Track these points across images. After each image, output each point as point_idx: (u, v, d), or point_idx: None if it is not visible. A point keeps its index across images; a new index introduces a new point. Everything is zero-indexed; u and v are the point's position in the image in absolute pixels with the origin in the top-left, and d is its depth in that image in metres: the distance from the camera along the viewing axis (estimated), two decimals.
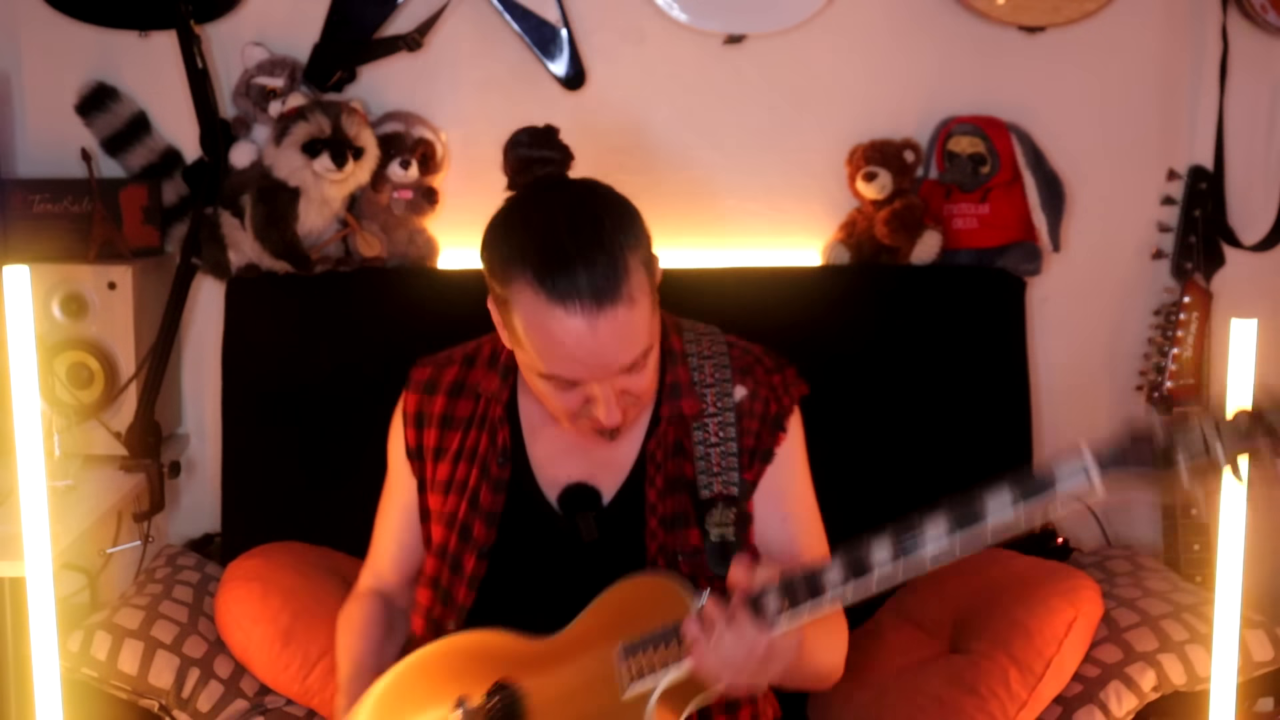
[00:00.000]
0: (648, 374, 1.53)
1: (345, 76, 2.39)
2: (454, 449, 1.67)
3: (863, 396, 2.25)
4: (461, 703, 1.54)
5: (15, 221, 2.33)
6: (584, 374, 1.47)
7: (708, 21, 2.39)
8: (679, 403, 1.62)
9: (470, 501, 1.64)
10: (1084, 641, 1.92)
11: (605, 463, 1.62)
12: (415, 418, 1.71)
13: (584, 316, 1.42)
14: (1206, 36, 2.45)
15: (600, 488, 1.63)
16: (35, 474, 1.59)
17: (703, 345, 1.66)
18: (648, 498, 1.60)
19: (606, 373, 1.47)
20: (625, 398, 1.51)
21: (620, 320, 1.43)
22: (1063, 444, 2.51)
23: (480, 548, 1.62)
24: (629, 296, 1.44)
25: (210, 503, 2.38)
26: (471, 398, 1.68)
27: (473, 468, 1.65)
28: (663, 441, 1.62)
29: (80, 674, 1.89)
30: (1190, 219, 2.44)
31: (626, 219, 1.51)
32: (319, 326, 2.32)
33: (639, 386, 1.52)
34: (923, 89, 2.47)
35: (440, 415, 1.69)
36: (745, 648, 1.35)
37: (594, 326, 1.43)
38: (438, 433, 1.69)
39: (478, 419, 1.67)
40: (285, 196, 2.28)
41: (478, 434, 1.66)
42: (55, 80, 2.38)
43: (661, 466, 1.61)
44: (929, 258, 2.38)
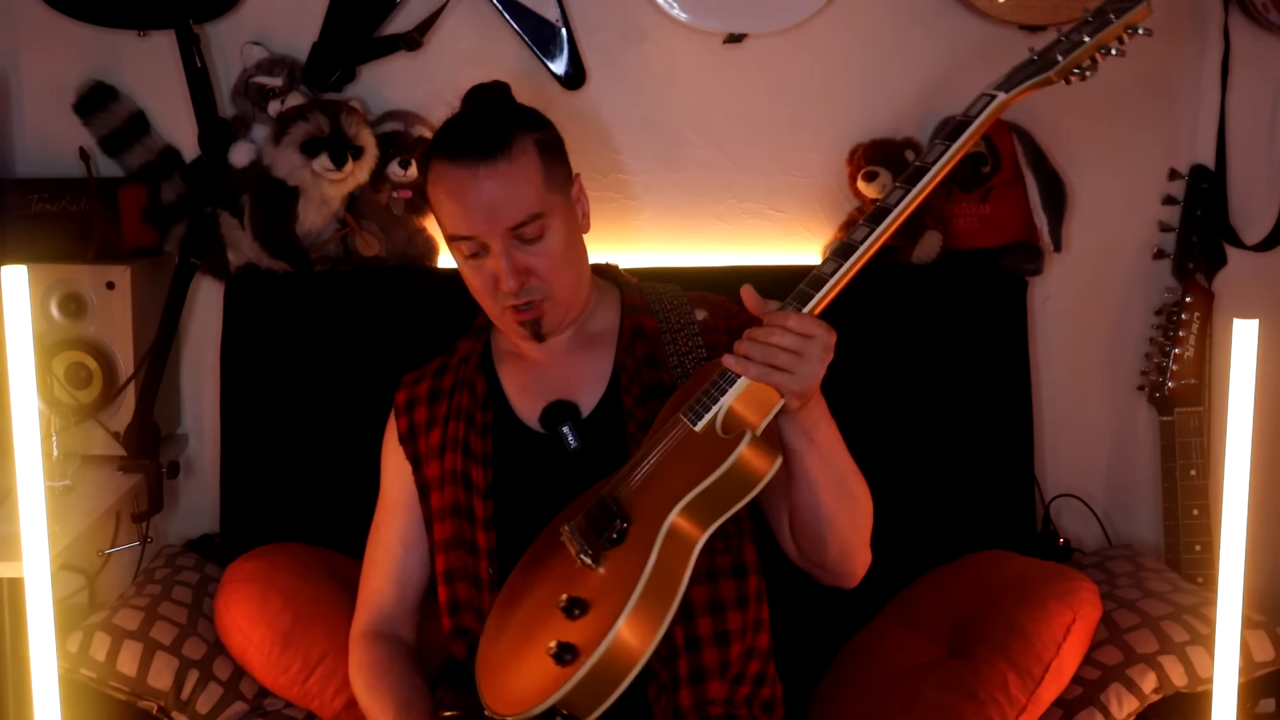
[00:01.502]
0: (549, 253, 1.68)
1: (344, 76, 2.38)
2: (442, 414, 1.82)
3: (863, 397, 2.24)
4: (567, 528, 1.58)
5: (13, 221, 2.33)
6: (474, 225, 1.66)
7: (708, 21, 2.38)
8: (638, 320, 1.79)
9: (464, 452, 1.76)
10: (1083, 644, 1.92)
11: (580, 381, 1.76)
12: (405, 405, 1.86)
13: (467, 167, 1.65)
14: (1208, 36, 2.44)
15: (579, 403, 1.75)
16: (33, 474, 1.59)
17: (658, 287, 1.86)
18: (624, 405, 1.72)
19: (493, 225, 1.65)
20: (528, 276, 1.68)
21: (501, 173, 1.65)
22: (1064, 445, 2.53)
23: (483, 490, 1.74)
24: (512, 154, 1.65)
25: (209, 503, 2.38)
26: (454, 370, 1.85)
27: (460, 422, 1.78)
28: (632, 353, 1.75)
29: (79, 675, 1.89)
30: (1192, 218, 2.44)
31: (530, 113, 1.77)
32: (318, 326, 2.32)
33: (539, 264, 1.68)
34: (923, 88, 2.46)
35: (427, 393, 1.85)
36: (779, 336, 1.45)
37: (475, 174, 1.65)
38: (426, 408, 1.84)
39: (459, 382, 1.83)
40: (284, 196, 2.27)
41: (460, 393, 1.81)
42: (53, 79, 2.38)
43: (636, 376, 1.74)
44: (930, 257, 2.37)
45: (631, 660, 1.42)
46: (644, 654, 1.42)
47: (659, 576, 1.43)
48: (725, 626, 1.70)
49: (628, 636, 1.41)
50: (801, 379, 1.45)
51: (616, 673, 1.41)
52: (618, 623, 1.40)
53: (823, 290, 1.49)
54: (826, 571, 1.69)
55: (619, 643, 1.41)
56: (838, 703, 2.05)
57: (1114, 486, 2.56)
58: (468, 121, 1.74)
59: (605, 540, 1.50)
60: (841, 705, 2.03)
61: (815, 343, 1.46)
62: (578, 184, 1.79)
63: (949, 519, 2.27)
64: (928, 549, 2.21)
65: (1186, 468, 2.37)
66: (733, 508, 1.47)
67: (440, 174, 1.70)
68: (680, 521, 1.45)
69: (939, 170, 1.53)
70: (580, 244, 1.78)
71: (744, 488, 1.46)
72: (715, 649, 1.69)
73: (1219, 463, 1.64)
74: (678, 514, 1.45)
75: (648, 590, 1.42)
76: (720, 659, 1.69)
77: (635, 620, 1.41)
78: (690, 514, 1.46)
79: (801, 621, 1.90)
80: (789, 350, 1.45)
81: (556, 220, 1.70)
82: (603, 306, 1.84)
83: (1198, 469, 2.37)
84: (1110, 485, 2.56)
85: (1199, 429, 2.38)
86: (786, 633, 1.88)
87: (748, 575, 1.74)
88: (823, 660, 2.13)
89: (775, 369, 1.45)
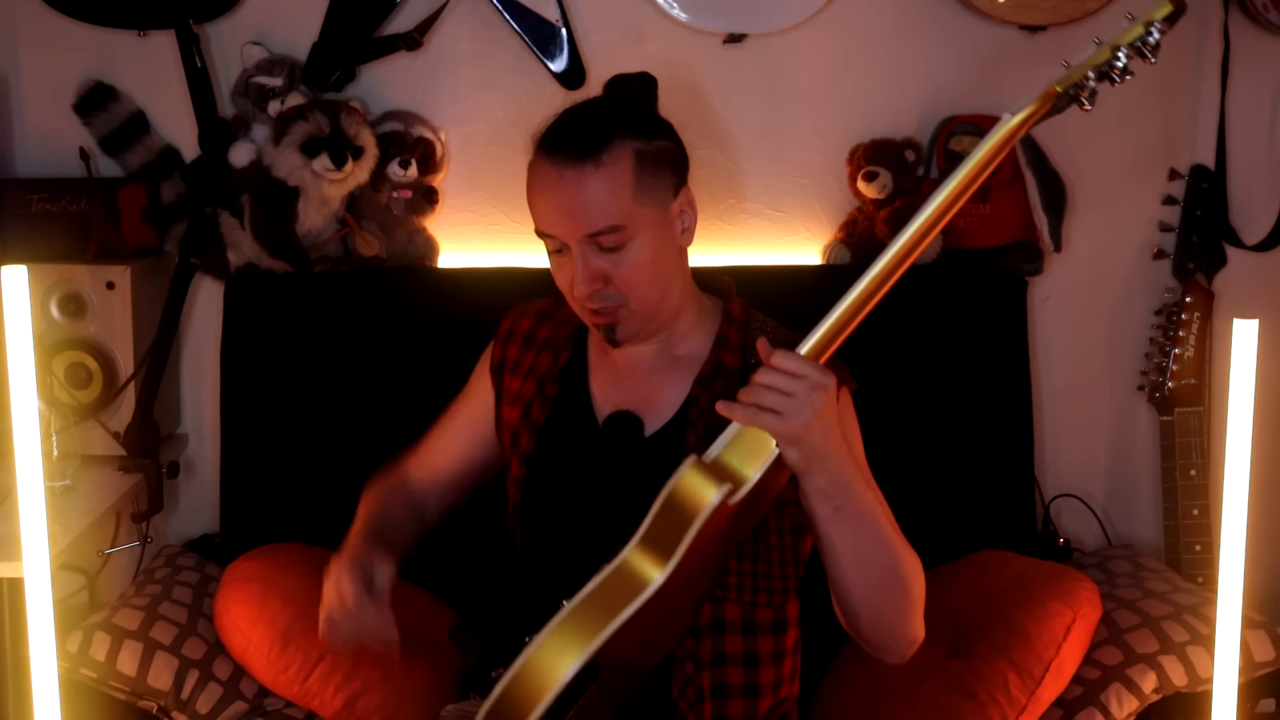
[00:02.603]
0: (630, 264, 1.62)
1: (344, 76, 2.38)
2: (527, 365, 1.80)
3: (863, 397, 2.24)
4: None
5: (13, 221, 2.33)
6: (552, 225, 1.62)
7: (708, 21, 2.38)
8: (724, 354, 1.71)
9: (524, 412, 1.76)
10: (1082, 644, 1.92)
11: (655, 400, 1.70)
12: (506, 334, 1.84)
13: (556, 166, 1.60)
14: (1208, 36, 2.44)
15: (645, 420, 1.70)
16: (33, 474, 1.59)
17: (767, 324, 1.77)
18: (686, 439, 1.66)
19: (570, 228, 1.60)
20: (602, 282, 1.62)
21: (587, 178, 1.58)
22: (1064, 444, 2.53)
23: (522, 454, 1.74)
24: (602, 161, 1.58)
25: (209, 503, 2.38)
26: (554, 324, 1.82)
27: (533, 382, 1.78)
28: (709, 388, 1.68)
29: (79, 675, 1.89)
30: (1192, 218, 2.44)
31: (643, 117, 1.66)
32: (318, 326, 2.32)
33: (618, 274, 1.62)
34: (923, 88, 2.46)
35: (525, 333, 1.83)
36: (767, 375, 1.42)
37: (562, 175, 1.59)
38: (519, 349, 1.82)
39: (551, 341, 1.80)
40: (284, 196, 2.27)
41: (547, 353, 1.79)
42: (53, 79, 2.38)
43: (705, 413, 1.66)
44: (930, 257, 2.37)
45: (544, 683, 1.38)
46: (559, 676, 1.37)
47: (593, 604, 1.40)
48: (757, 680, 1.67)
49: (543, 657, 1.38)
50: (789, 420, 1.41)
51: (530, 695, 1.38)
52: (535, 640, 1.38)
53: (818, 333, 1.46)
54: (865, 642, 1.61)
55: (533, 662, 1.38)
56: (838, 703, 2.05)
57: (1114, 486, 2.56)
58: (571, 116, 1.66)
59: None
60: (841, 705, 2.03)
61: (804, 383, 1.41)
62: (684, 197, 1.69)
63: (949, 519, 2.27)
64: (928, 549, 2.18)
65: (1186, 468, 2.37)
66: (684, 539, 1.41)
67: (534, 166, 1.64)
68: (634, 557, 1.42)
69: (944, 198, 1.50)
70: (672, 259, 1.69)
71: (688, 514, 1.41)
72: (743, 701, 1.66)
73: (1219, 463, 1.64)
74: (631, 549, 1.42)
75: (574, 615, 1.39)
76: (746, 711, 1.66)
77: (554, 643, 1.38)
78: (644, 550, 1.42)
79: (802, 621, 1.89)
80: (777, 390, 1.41)
81: (644, 234, 1.62)
82: (699, 330, 1.75)
83: (1198, 469, 2.37)
84: (1110, 485, 2.56)
85: (1199, 429, 2.38)
86: None
87: (787, 630, 1.71)
88: (823, 660, 2.13)
89: (761, 409, 1.41)
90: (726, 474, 1.43)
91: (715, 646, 1.64)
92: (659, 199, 1.64)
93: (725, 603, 1.65)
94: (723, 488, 1.40)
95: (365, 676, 1.92)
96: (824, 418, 1.42)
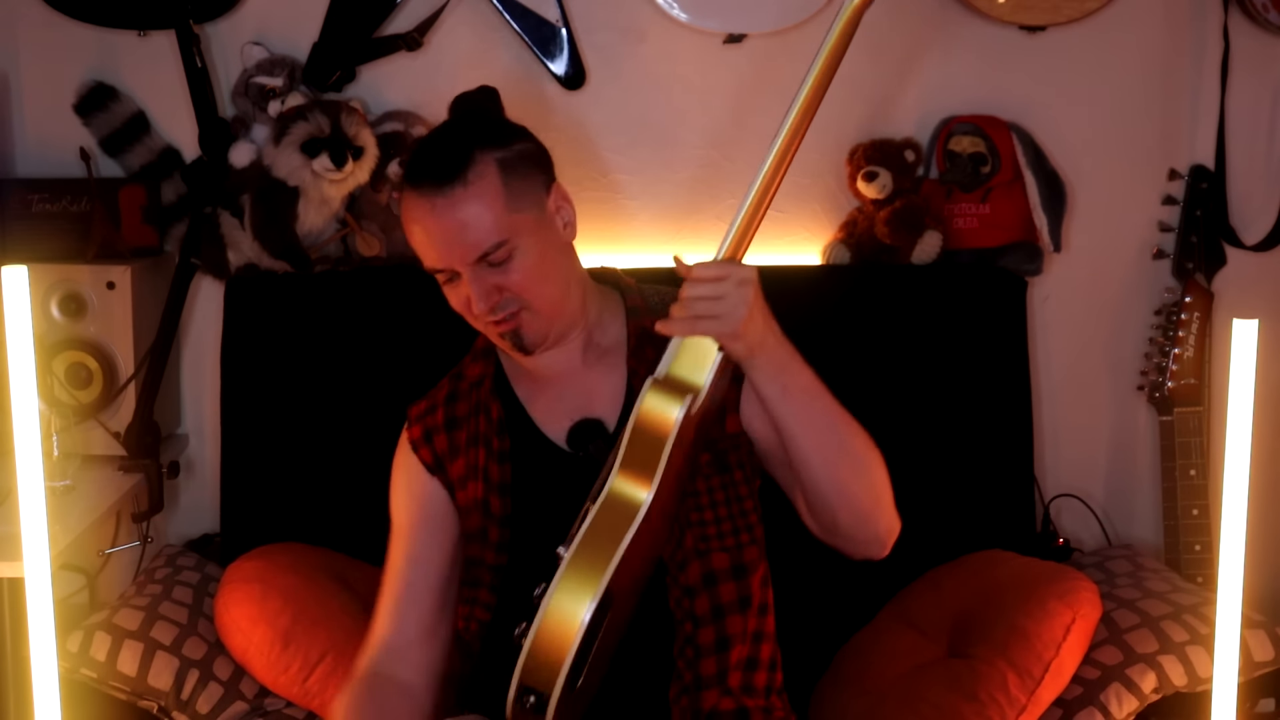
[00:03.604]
0: (521, 270, 1.61)
1: (344, 76, 2.38)
2: (463, 442, 1.76)
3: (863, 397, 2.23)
4: None
5: (13, 221, 2.33)
6: (437, 258, 1.61)
7: (708, 21, 2.38)
8: (640, 321, 1.73)
9: (485, 480, 1.73)
10: (1082, 644, 1.92)
11: (601, 395, 1.72)
12: (423, 437, 1.78)
13: (426, 197, 1.59)
14: (1208, 36, 2.44)
15: (603, 418, 1.71)
16: (34, 474, 1.59)
17: (661, 289, 1.80)
18: None
19: (454, 257, 1.60)
20: (500, 294, 1.62)
21: (457, 203, 1.58)
22: (1064, 444, 2.53)
23: (497, 519, 1.71)
24: (469, 180, 1.58)
25: (209, 503, 2.38)
26: (466, 396, 1.78)
27: (479, 449, 1.74)
28: (643, 358, 1.71)
29: (79, 675, 1.89)
30: (1191, 219, 2.44)
31: (493, 127, 1.68)
32: (318, 326, 2.32)
33: (512, 282, 1.62)
34: (923, 88, 2.46)
35: (444, 421, 1.78)
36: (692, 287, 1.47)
37: (434, 206, 1.59)
38: (446, 436, 1.77)
39: (475, 406, 1.77)
40: (284, 196, 2.27)
41: (477, 419, 1.76)
42: (54, 80, 2.38)
43: None
44: (930, 258, 2.37)
45: (570, 624, 1.42)
46: (581, 615, 1.41)
47: (594, 538, 1.45)
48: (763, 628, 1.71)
49: (562, 601, 1.42)
50: (727, 320, 1.47)
51: (559, 639, 1.42)
52: (549, 589, 1.42)
53: (730, 235, 1.53)
54: (846, 539, 1.63)
55: (554, 609, 1.42)
56: (838, 703, 2.05)
57: (1114, 486, 2.56)
58: (427, 144, 1.67)
59: (577, 527, 1.50)
60: (841, 705, 2.03)
61: (729, 282, 1.47)
62: (557, 192, 1.69)
63: (949, 519, 2.27)
64: (927, 549, 2.21)
65: (1186, 468, 2.37)
66: (661, 456, 1.47)
67: (406, 202, 1.63)
68: (619, 485, 1.47)
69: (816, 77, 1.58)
70: (559, 256, 1.69)
71: (659, 432, 1.47)
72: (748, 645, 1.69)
73: (1219, 463, 1.64)
74: (614, 479, 1.47)
75: (579, 553, 1.44)
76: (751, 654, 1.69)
77: (568, 585, 1.43)
78: (626, 475, 1.47)
79: (802, 621, 1.90)
80: (707, 297, 1.47)
81: (526, 240, 1.62)
82: (607, 315, 1.77)
83: (1197, 469, 2.37)
84: (1110, 485, 2.56)
85: (1199, 429, 2.38)
86: (787, 632, 1.88)
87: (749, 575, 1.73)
88: (823, 660, 2.14)
89: (698, 318, 1.47)
90: (682, 386, 1.49)
91: (712, 599, 1.66)
92: (533, 201, 1.65)
93: (711, 553, 1.67)
94: (684, 400, 1.47)
95: None
96: (757, 307, 1.49)
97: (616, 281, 1.84)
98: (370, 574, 2.15)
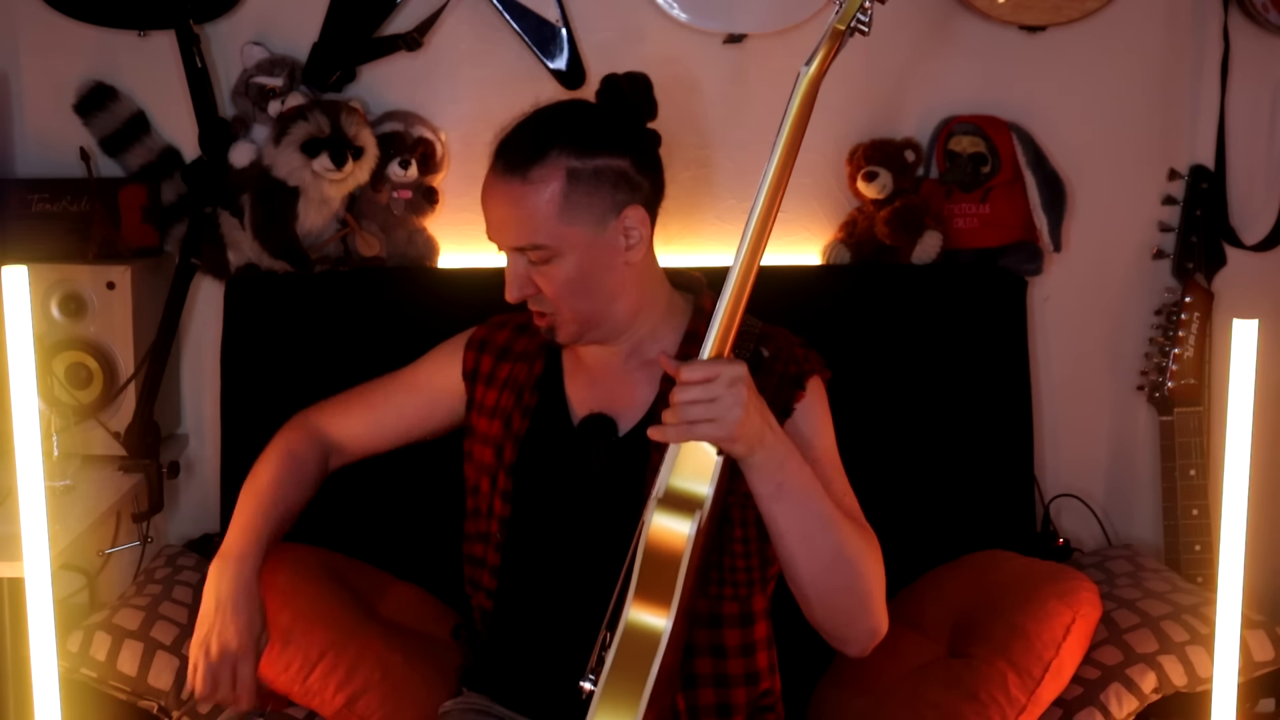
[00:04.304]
0: (556, 279, 1.64)
1: (344, 76, 2.38)
2: (503, 377, 1.82)
3: (863, 397, 2.24)
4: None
5: (14, 221, 2.33)
6: (489, 231, 1.67)
7: (708, 21, 2.38)
8: (692, 349, 1.69)
9: (505, 423, 1.78)
10: (1082, 644, 1.92)
11: (626, 400, 1.73)
12: (480, 343, 1.87)
13: (495, 175, 1.64)
14: (1208, 36, 2.44)
15: (618, 421, 1.73)
16: (34, 474, 1.59)
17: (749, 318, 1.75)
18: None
19: (496, 236, 1.66)
20: (530, 287, 1.66)
21: (515, 193, 1.61)
22: (1064, 445, 2.53)
23: (507, 465, 1.76)
24: (530, 178, 1.60)
25: (209, 503, 2.38)
26: (530, 336, 1.83)
27: (511, 394, 1.80)
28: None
29: (80, 675, 1.89)
30: (1191, 219, 2.44)
31: (583, 133, 1.64)
32: (318, 326, 2.32)
33: (545, 285, 1.65)
34: (923, 88, 2.46)
35: (501, 346, 1.86)
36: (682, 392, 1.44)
37: (494, 187, 1.64)
38: (493, 360, 1.85)
39: (526, 353, 1.83)
40: (284, 196, 2.27)
41: (522, 365, 1.82)
42: (54, 79, 2.38)
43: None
44: (930, 258, 2.37)
45: None
46: None
47: (620, 674, 1.41)
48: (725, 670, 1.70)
49: None
50: (722, 423, 1.42)
51: None
52: None
53: (712, 332, 1.46)
54: (827, 635, 1.62)
55: None
56: (838, 703, 2.05)
57: (1114, 486, 2.56)
58: (519, 126, 1.66)
59: (598, 663, 1.48)
60: (841, 705, 2.03)
61: (719, 382, 1.42)
62: (634, 215, 1.64)
63: (949, 519, 2.27)
64: (928, 549, 2.21)
65: (1186, 468, 2.37)
66: (678, 578, 1.42)
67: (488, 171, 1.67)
68: (636, 615, 1.42)
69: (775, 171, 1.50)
70: (607, 275, 1.66)
71: (673, 556, 1.42)
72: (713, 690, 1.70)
73: (1219, 463, 1.64)
74: (631, 610, 1.43)
75: (608, 693, 1.41)
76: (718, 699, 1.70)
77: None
78: (642, 603, 1.43)
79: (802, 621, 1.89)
80: (699, 400, 1.42)
81: (571, 253, 1.62)
82: (665, 328, 1.75)
83: (1197, 469, 2.37)
84: (1110, 485, 2.56)
85: (1199, 429, 2.38)
86: (787, 632, 1.88)
87: (754, 623, 1.73)
88: (823, 660, 2.13)
89: (693, 424, 1.42)
90: (688, 501, 1.43)
91: (713, 638, 1.67)
92: (592, 218, 1.62)
93: (723, 600, 1.68)
94: (694, 516, 1.42)
95: (366, 675, 1.92)
96: (751, 405, 1.45)
97: (697, 296, 1.80)
98: (370, 574, 2.16)
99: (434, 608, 2.15)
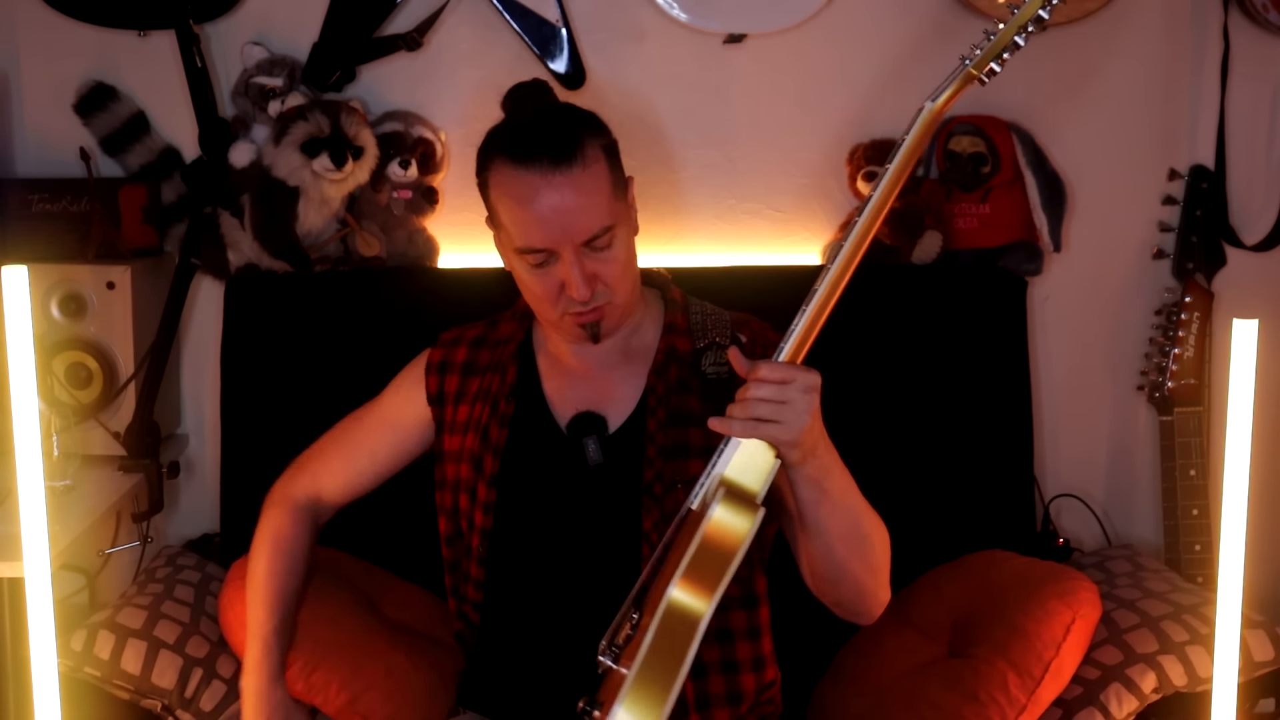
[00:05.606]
0: (617, 260, 1.64)
1: (344, 76, 2.38)
2: (473, 392, 1.81)
3: (863, 397, 2.25)
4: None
5: (13, 221, 2.33)
6: (548, 237, 1.60)
7: (708, 21, 2.38)
8: (674, 339, 1.75)
9: (483, 436, 1.77)
10: (1082, 644, 1.92)
11: (613, 396, 1.74)
12: (439, 366, 1.85)
13: (543, 174, 1.58)
14: (1208, 36, 2.44)
15: (608, 417, 1.73)
16: (34, 474, 1.59)
17: (705, 307, 1.81)
18: (648, 427, 1.70)
19: (568, 235, 1.59)
20: (596, 282, 1.63)
21: (577, 180, 1.59)
22: (1064, 445, 2.53)
23: (489, 476, 1.75)
24: (585, 160, 1.59)
25: (210, 503, 2.38)
26: (492, 347, 1.83)
27: (485, 406, 1.78)
28: (664, 376, 1.73)
29: (83, 673, 1.89)
30: (1191, 219, 2.44)
31: (588, 115, 1.68)
32: (318, 326, 2.32)
33: (607, 271, 1.63)
34: (923, 88, 2.45)
35: (463, 363, 1.84)
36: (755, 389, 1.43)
37: (551, 182, 1.58)
38: (459, 378, 1.83)
39: (495, 363, 1.81)
40: (284, 196, 2.27)
41: (493, 376, 1.80)
42: (54, 79, 2.38)
43: (664, 400, 1.72)
44: (930, 258, 2.37)
45: None
46: None
47: (658, 657, 1.41)
48: (734, 656, 1.71)
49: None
50: (789, 427, 1.42)
51: None
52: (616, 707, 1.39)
53: (791, 338, 1.47)
54: (842, 610, 1.65)
55: None
56: (838, 703, 2.05)
57: (1114, 486, 2.56)
58: (537, 125, 1.64)
59: (624, 638, 1.49)
60: (841, 705, 2.04)
61: (794, 387, 1.42)
62: (633, 187, 1.72)
63: (948, 519, 2.27)
64: (927, 549, 2.21)
65: (1186, 468, 2.37)
66: (728, 570, 1.43)
67: (507, 179, 1.62)
68: (679, 598, 1.42)
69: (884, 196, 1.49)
70: (634, 251, 1.71)
71: (730, 550, 1.43)
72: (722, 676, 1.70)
73: (1219, 463, 1.64)
74: (674, 592, 1.42)
75: (644, 674, 1.40)
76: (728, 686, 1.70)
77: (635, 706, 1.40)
78: (688, 589, 1.43)
79: (801, 621, 1.89)
80: (770, 400, 1.42)
81: (622, 229, 1.65)
82: (646, 321, 1.79)
83: (1197, 469, 2.37)
84: (1110, 485, 2.56)
85: (1199, 429, 2.38)
86: (786, 632, 1.88)
87: (758, 606, 1.75)
88: (823, 660, 2.14)
89: (760, 421, 1.42)
90: (748, 497, 1.45)
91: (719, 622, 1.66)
92: (623, 189, 1.69)
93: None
94: (757, 515, 1.43)
95: (368, 674, 1.92)
96: (817, 415, 1.45)
97: (664, 289, 1.83)
98: (375, 574, 2.16)
99: (437, 609, 2.15)
